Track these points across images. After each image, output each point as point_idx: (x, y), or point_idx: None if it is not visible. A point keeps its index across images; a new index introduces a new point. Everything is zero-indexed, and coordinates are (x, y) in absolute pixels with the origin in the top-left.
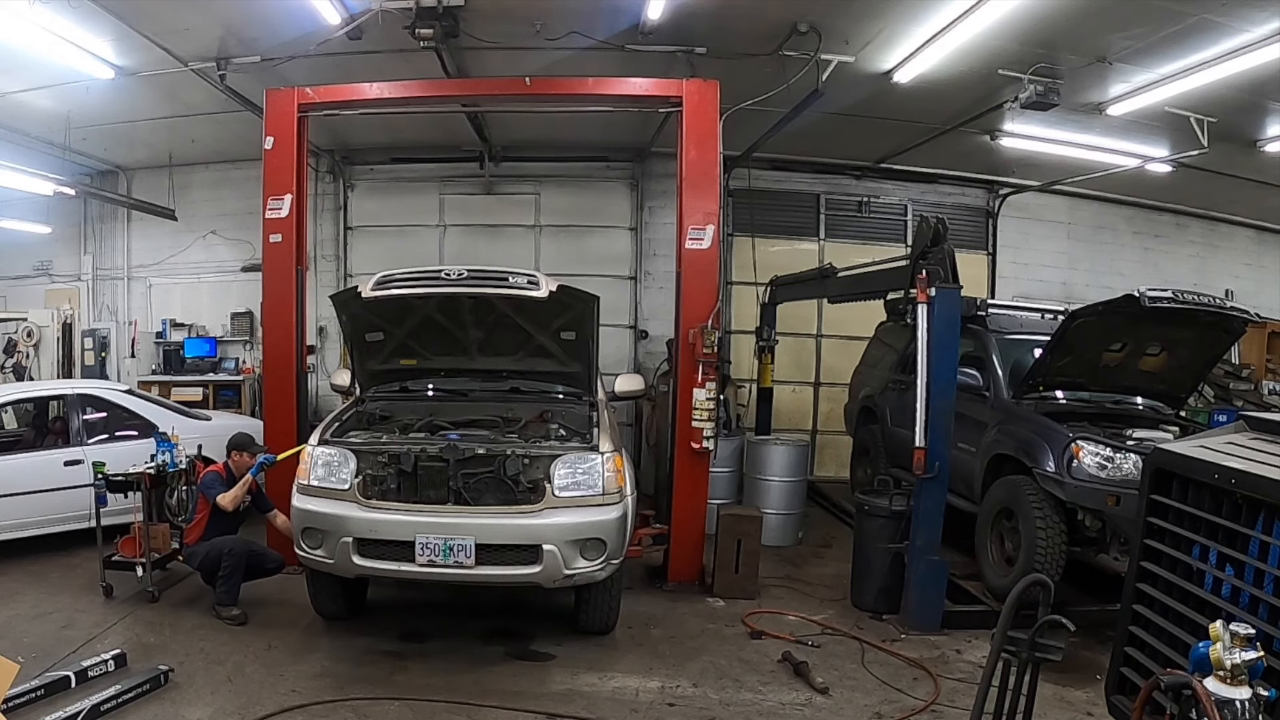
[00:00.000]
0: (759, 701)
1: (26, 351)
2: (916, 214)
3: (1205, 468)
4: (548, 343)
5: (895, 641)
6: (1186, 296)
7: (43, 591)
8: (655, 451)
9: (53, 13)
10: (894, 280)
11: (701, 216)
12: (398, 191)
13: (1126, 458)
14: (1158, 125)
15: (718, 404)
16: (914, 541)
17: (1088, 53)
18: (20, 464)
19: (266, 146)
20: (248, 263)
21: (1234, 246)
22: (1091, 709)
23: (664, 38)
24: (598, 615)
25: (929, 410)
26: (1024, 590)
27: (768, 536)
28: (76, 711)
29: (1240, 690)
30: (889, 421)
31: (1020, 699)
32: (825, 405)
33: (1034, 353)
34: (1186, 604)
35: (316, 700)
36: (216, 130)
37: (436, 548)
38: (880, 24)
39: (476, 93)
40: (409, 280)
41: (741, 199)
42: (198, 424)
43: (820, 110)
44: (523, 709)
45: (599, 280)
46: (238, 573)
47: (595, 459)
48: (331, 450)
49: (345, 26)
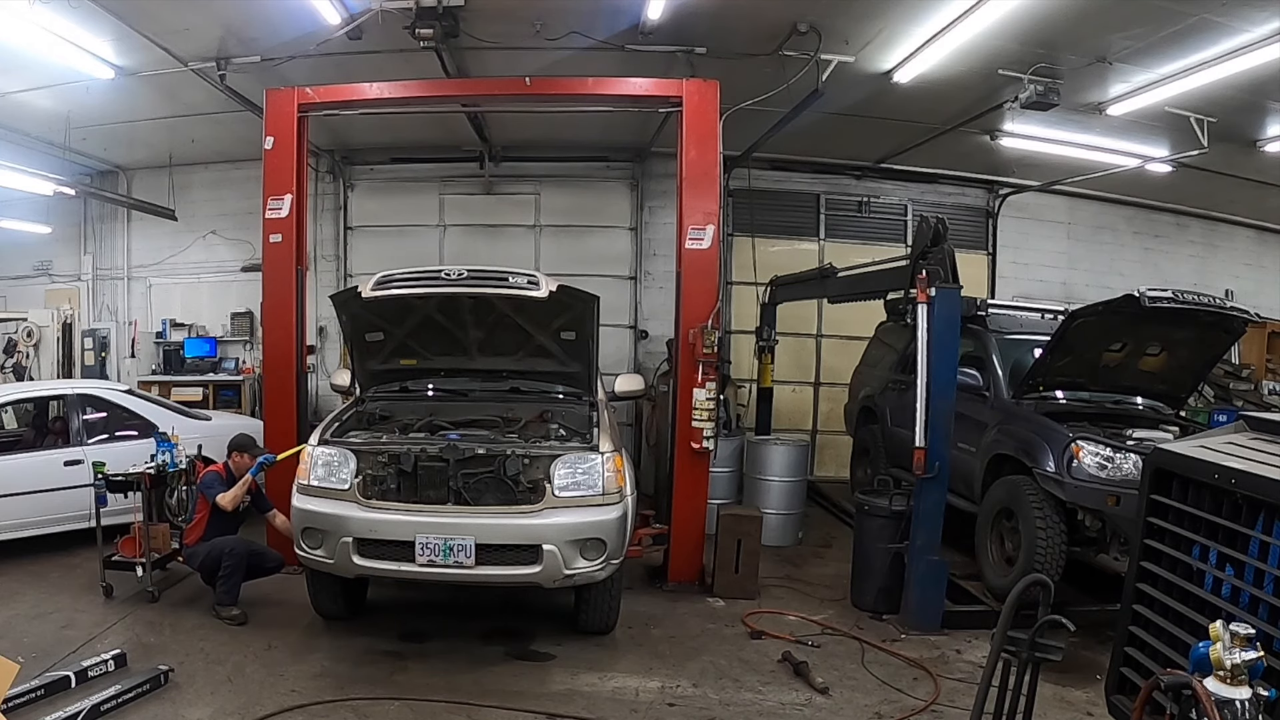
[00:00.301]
0: (759, 701)
1: (26, 351)
2: (916, 214)
3: (1205, 468)
4: (548, 343)
5: (895, 641)
6: (1186, 296)
7: (43, 591)
8: (655, 451)
9: (53, 13)
10: (894, 280)
11: (701, 216)
12: (398, 191)
13: (1126, 458)
14: (1158, 125)
15: (718, 404)
16: (914, 541)
17: (1088, 53)
18: (20, 464)
19: (266, 146)
20: (248, 263)
21: (1234, 246)
22: (1091, 709)
23: (664, 38)
24: (598, 615)
25: (929, 410)
26: (1024, 590)
27: (768, 536)
28: (76, 711)
29: (1240, 690)
30: (889, 421)
31: (1020, 699)
32: (825, 405)
33: (1034, 353)
34: (1186, 604)
35: (316, 700)
36: (216, 130)
37: (436, 548)
38: (880, 24)
39: (476, 93)
40: (409, 280)
41: (741, 199)
42: (198, 424)
43: (820, 110)
44: (523, 709)
45: (599, 280)
46: (238, 573)
47: (595, 459)
48: (331, 450)
49: (345, 26)
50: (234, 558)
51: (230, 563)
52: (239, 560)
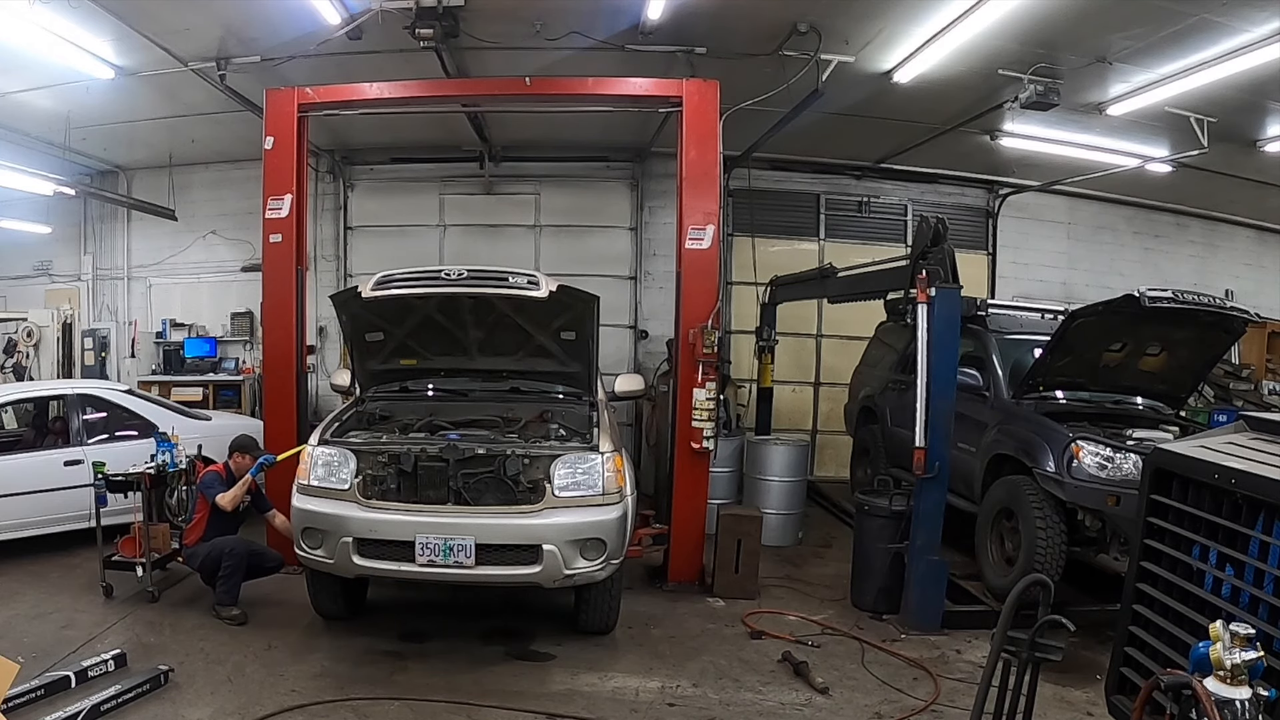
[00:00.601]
0: (759, 701)
1: (26, 351)
2: (916, 214)
3: (1205, 468)
4: (548, 343)
5: (895, 641)
6: (1186, 296)
7: (43, 591)
8: (655, 451)
9: (53, 13)
10: (894, 280)
11: (701, 216)
12: (398, 191)
13: (1126, 458)
14: (1158, 125)
15: (718, 404)
16: (914, 541)
17: (1088, 53)
18: (20, 464)
19: (266, 146)
20: (248, 263)
21: (1234, 246)
22: (1091, 709)
23: (664, 38)
24: (598, 615)
25: (929, 410)
26: (1024, 590)
27: (768, 536)
28: (76, 711)
29: (1240, 690)
30: (889, 421)
31: (1020, 699)
32: (825, 405)
33: (1034, 353)
34: (1186, 604)
35: (316, 700)
36: (216, 130)
37: (436, 548)
38: (880, 24)
39: (476, 93)
40: (409, 280)
41: (741, 199)
42: (198, 424)
43: (820, 110)
44: (523, 709)
45: (599, 280)
46: (238, 573)
47: (595, 459)
48: (331, 450)
49: (345, 26)
50: (234, 558)
51: (230, 563)
52: (239, 560)
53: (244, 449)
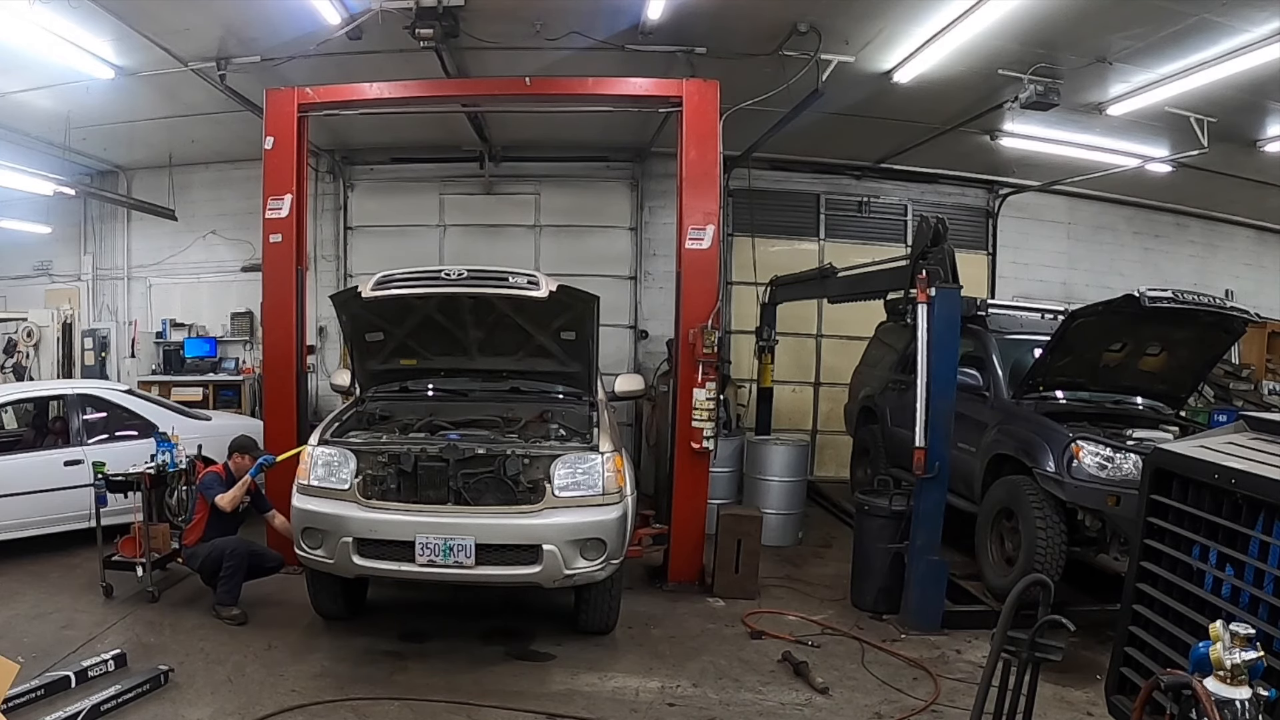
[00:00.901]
0: (759, 701)
1: (26, 351)
2: (916, 214)
3: (1205, 468)
4: (548, 343)
5: (895, 641)
6: (1186, 296)
7: (43, 591)
8: (655, 451)
9: (53, 13)
10: (894, 280)
11: (701, 216)
12: (398, 191)
13: (1126, 458)
14: (1158, 125)
15: (718, 404)
16: (914, 541)
17: (1088, 53)
18: (20, 464)
19: (266, 146)
20: (248, 263)
21: (1234, 246)
22: (1091, 709)
23: (664, 38)
24: (598, 615)
25: (929, 410)
26: (1024, 590)
27: (768, 536)
28: (76, 711)
29: (1240, 690)
30: (889, 421)
31: (1020, 699)
32: (825, 405)
33: (1034, 353)
34: (1186, 604)
35: (316, 700)
36: (216, 130)
37: (436, 548)
38: (880, 24)
39: (476, 93)
40: (409, 280)
41: (741, 199)
42: (198, 424)
43: (820, 110)
44: (523, 709)
45: (599, 280)
46: (239, 573)
47: (595, 459)
48: (331, 450)
49: (345, 26)
50: (235, 558)
51: (231, 563)
52: (240, 561)
53: (244, 449)
